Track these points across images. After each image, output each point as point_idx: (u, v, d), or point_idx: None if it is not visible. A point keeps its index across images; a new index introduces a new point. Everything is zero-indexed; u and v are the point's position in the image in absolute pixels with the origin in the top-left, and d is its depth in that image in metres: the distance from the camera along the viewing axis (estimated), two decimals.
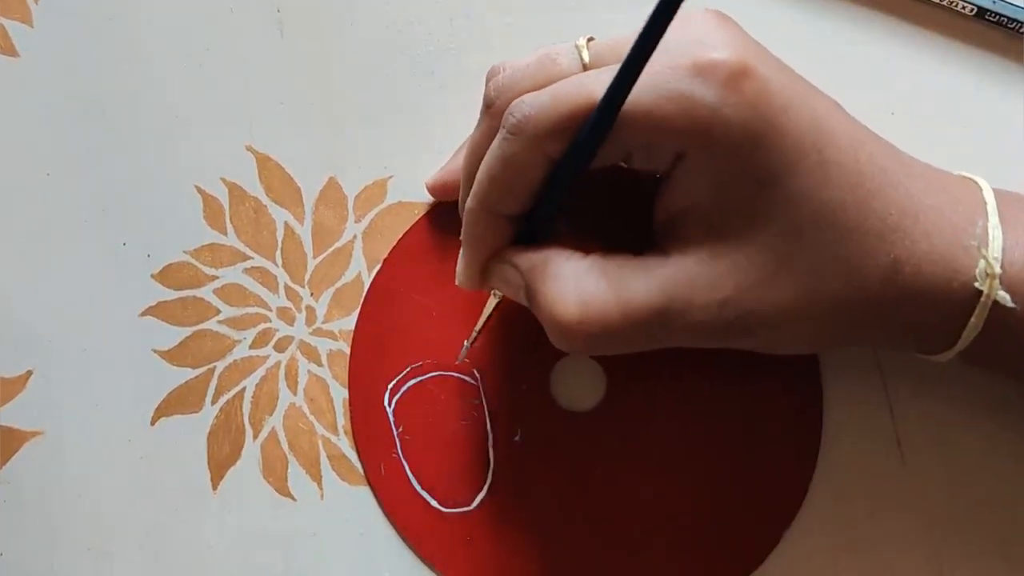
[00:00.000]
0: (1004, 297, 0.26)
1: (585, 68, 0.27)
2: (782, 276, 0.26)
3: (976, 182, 0.28)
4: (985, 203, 0.27)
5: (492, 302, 0.32)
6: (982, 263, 0.26)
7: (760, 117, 0.25)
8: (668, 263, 0.27)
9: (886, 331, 0.28)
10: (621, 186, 0.31)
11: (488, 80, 0.29)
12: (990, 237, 0.26)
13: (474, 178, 0.28)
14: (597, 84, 0.25)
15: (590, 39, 0.28)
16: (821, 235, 0.26)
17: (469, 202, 0.28)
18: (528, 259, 0.28)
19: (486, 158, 0.27)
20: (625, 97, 0.25)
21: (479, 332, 0.32)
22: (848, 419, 0.32)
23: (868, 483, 0.32)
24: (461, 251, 0.29)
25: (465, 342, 0.33)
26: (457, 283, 0.30)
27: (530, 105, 0.26)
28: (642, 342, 0.27)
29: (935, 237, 0.26)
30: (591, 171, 0.27)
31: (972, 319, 0.27)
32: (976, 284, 0.26)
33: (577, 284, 0.27)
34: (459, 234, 0.30)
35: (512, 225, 0.28)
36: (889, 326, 0.28)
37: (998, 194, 0.28)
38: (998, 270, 0.26)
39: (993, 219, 0.27)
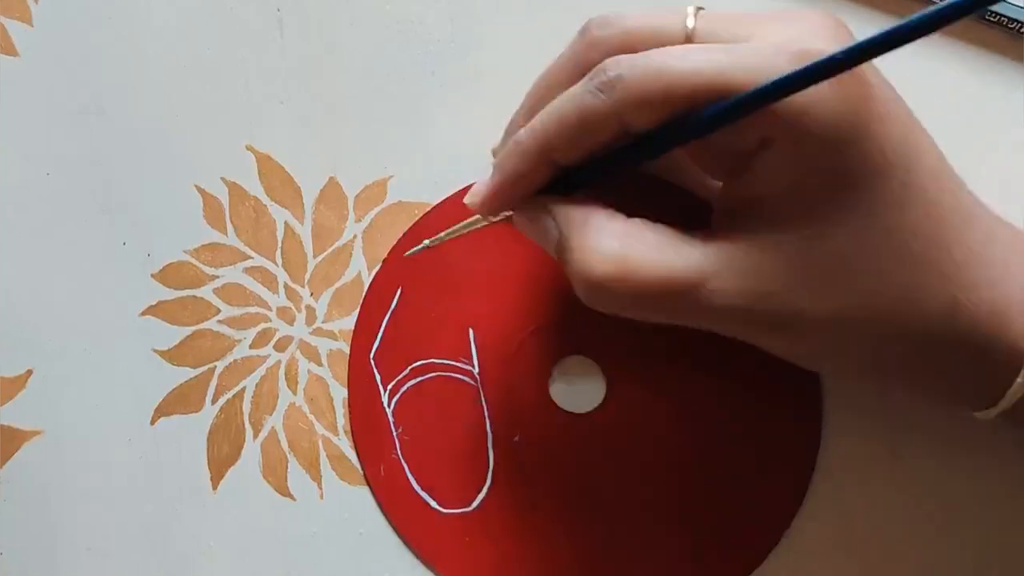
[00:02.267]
0: None
1: (688, 34, 0.26)
2: (833, 286, 0.25)
3: None
4: None
5: (477, 221, 0.30)
6: None
7: (856, 120, 0.24)
8: (718, 243, 0.26)
9: (924, 374, 0.27)
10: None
11: (590, 19, 0.27)
12: None
13: (539, 104, 0.27)
14: (701, 62, 0.24)
15: (700, 8, 0.26)
16: (886, 256, 0.25)
17: (525, 137, 0.27)
18: (567, 211, 0.27)
19: (561, 101, 0.26)
20: (758, 107, 0.24)
21: (447, 238, 0.31)
22: (848, 419, 0.32)
23: (867, 483, 0.32)
24: (492, 177, 0.28)
25: (426, 240, 0.31)
26: (468, 202, 0.28)
27: (628, 67, 0.25)
28: (672, 313, 0.26)
29: (998, 289, 0.26)
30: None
31: (1019, 379, 0.26)
32: None
33: (619, 240, 0.26)
34: (459, 235, 0.30)
35: (553, 173, 0.27)
36: (928, 369, 0.27)
37: None
38: None
39: None
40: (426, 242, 0.32)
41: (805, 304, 0.25)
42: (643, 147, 0.26)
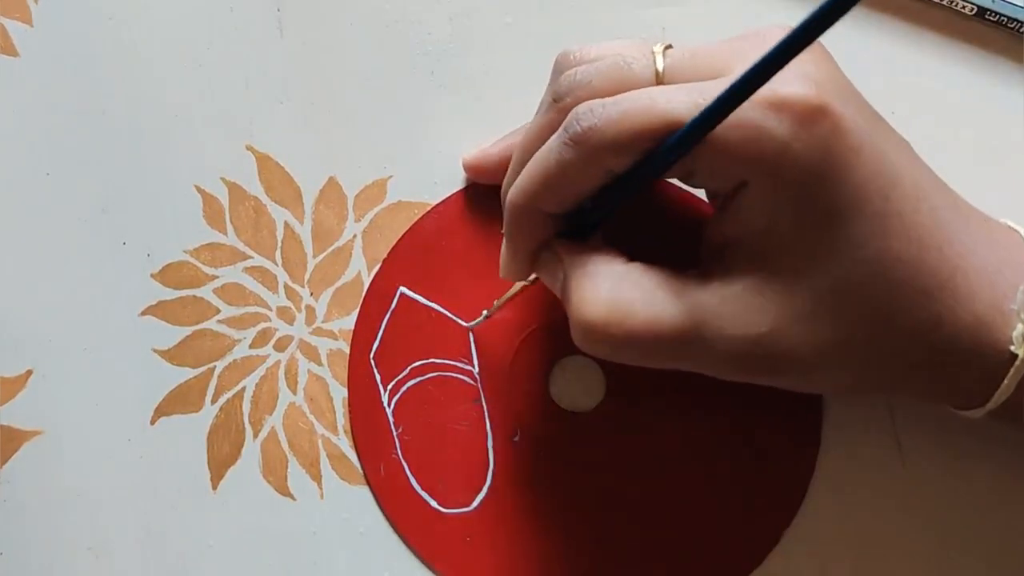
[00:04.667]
0: None
1: (658, 76, 0.27)
2: (822, 321, 0.26)
3: (1022, 236, 0.28)
4: None
5: (519, 285, 0.32)
6: (1020, 327, 0.26)
7: (830, 157, 0.25)
8: (708, 288, 0.26)
9: (914, 385, 0.28)
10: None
11: (558, 70, 0.28)
12: None
13: (523, 167, 0.28)
14: (668, 104, 0.25)
15: (668, 46, 0.27)
16: (871, 286, 0.26)
17: (514, 196, 0.28)
18: (572, 255, 0.28)
19: (540, 156, 0.27)
20: (705, 134, 0.25)
21: (499, 306, 0.32)
22: (848, 419, 0.32)
23: (868, 483, 0.32)
24: (504, 243, 0.29)
25: (484, 311, 0.33)
26: (502, 275, 0.30)
27: (598, 116, 0.26)
28: (664, 359, 0.27)
29: (979, 299, 0.26)
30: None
31: (1005, 381, 0.26)
32: (1012, 348, 0.26)
33: (611, 287, 0.26)
34: (459, 234, 0.30)
35: (556, 220, 0.28)
36: (918, 381, 0.27)
37: None
38: None
39: None
40: (485, 313, 0.33)
41: (795, 343, 0.26)
42: (625, 184, 0.27)
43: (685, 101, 0.25)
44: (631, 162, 0.26)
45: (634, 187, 0.27)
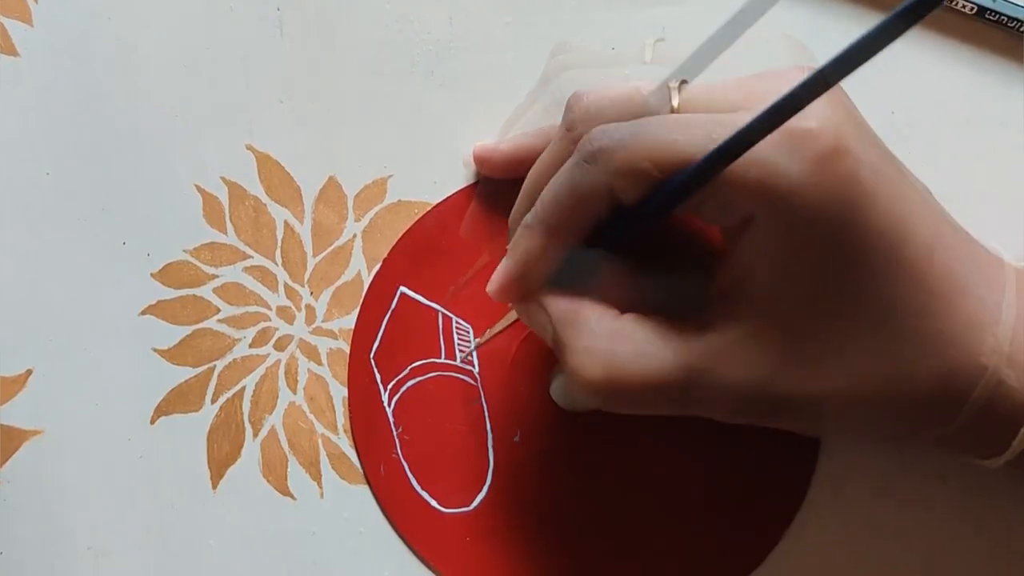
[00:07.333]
0: None
1: (672, 112, 0.26)
2: (825, 369, 0.25)
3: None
4: None
5: (511, 316, 0.32)
6: None
7: (843, 202, 0.24)
8: (708, 335, 0.26)
9: (927, 435, 0.27)
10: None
11: (572, 104, 0.28)
12: None
13: (534, 195, 0.27)
14: (681, 134, 0.24)
15: (683, 81, 0.26)
16: (878, 334, 0.25)
17: (528, 218, 0.27)
18: (560, 307, 0.27)
19: (555, 178, 0.27)
20: (715, 174, 0.24)
21: (488, 339, 0.33)
22: None
23: (868, 483, 0.32)
24: (503, 261, 0.28)
25: (475, 341, 0.33)
26: (488, 290, 0.29)
27: (610, 137, 0.25)
28: (668, 408, 0.27)
29: (993, 355, 0.25)
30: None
31: (1023, 430, 0.26)
32: None
33: (606, 344, 0.26)
34: (458, 234, 0.30)
35: (561, 253, 0.27)
36: (931, 431, 0.27)
37: None
38: None
39: None
40: (474, 342, 0.33)
41: (796, 390, 0.26)
42: (632, 217, 0.26)
43: (699, 135, 0.24)
44: (638, 190, 0.25)
45: (638, 222, 0.26)
